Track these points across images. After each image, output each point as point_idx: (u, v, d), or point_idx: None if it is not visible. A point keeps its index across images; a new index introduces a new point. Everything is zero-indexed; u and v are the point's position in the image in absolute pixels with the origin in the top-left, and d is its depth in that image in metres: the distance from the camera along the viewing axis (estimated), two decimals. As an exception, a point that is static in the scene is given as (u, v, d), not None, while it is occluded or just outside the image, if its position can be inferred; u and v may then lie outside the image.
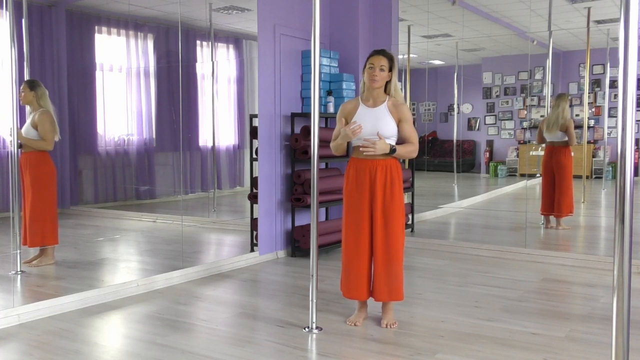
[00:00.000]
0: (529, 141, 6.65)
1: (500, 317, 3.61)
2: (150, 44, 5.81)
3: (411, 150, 3.43)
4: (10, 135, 4.07)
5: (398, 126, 3.41)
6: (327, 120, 5.81)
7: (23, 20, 4.42)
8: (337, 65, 5.81)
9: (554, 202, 6.17)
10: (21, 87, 4.34)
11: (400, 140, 3.45)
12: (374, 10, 6.14)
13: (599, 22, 6.20)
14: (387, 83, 3.43)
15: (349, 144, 3.55)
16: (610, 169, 6.42)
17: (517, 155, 6.82)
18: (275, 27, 5.30)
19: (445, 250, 5.61)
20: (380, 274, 3.42)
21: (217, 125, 6.16)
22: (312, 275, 3.38)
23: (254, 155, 5.30)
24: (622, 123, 1.96)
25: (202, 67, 6.12)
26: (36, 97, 4.46)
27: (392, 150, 3.35)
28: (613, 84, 6.19)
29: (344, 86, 5.65)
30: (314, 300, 3.36)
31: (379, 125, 3.36)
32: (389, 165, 3.41)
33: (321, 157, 5.26)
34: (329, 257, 5.37)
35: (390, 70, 3.40)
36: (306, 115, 5.43)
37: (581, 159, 6.27)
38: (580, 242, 6.19)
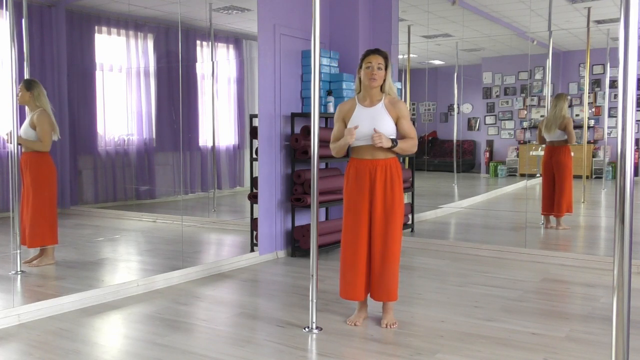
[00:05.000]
0: (529, 141, 6.65)
1: (500, 317, 3.61)
2: (150, 44, 5.81)
3: (412, 144, 3.46)
4: (9, 136, 4.07)
5: (396, 123, 3.43)
6: (327, 120, 5.81)
7: (23, 20, 4.42)
8: (337, 65, 5.81)
9: (554, 201, 6.17)
10: (18, 87, 4.31)
11: (400, 137, 3.47)
12: (374, 11, 6.14)
13: (599, 22, 6.20)
14: (383, 81, 3.45)
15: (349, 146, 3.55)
16: (610, 169, 6.42)
17: (517, 155, 6.82)
18: (275, 27, 5.30)
19: (445, 250, 5.61)
20: (378, 274, 3.43)
21: (217, 125, 6.16)
22: (312, 275, 3.38)
23: (254, 155, 5.30)
24: (622, 123, 1.96)
25: (202, 67, 6.12)
26: (33, 97, 4.44)
27: (394, 144, 3.36)
28: (613, 84, 6.19)
29: (344, 86, 5.65)
30: (314, 300, 3.36)
31: (376, 124, 3.37)
32: (388, 165, 3.42)
33: (321, 157, 5.26)
34: (329, 257, 5.37)
35: (386, 68, 3.42)
36: (306, 115, 5.43)
37: (581, 159, 6.27)
38: (580, 242, 6.19)
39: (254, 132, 5.28)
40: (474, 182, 7.49)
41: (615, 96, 5.89)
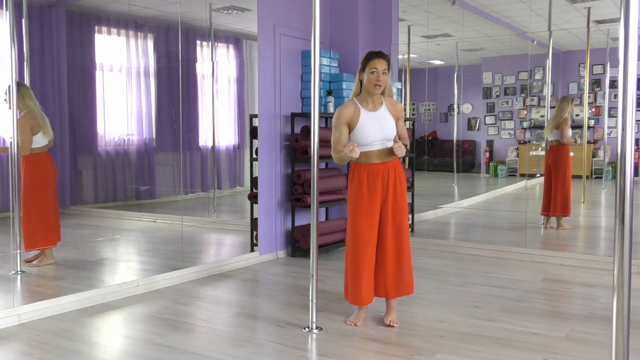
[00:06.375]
0: (529, 141, 6.65)
1: (500, 317, 3.61)
2: (150, 44, 5.81)
3: (409, 145, 3.56)
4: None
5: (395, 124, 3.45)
6: (327, 120, 5.81)
7: (23, 20, 4.42)
8: (337, 65, 5.82)
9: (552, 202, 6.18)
10: (4, 92, 4.16)
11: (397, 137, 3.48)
12: (374, 10, 6.14)
13: (599, 22, 6.20)
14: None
15: None
16: (610, 169, 6.42)
17: (517, 155, 6.82)
18: (275, 27, 5.30)
19: (445, 250, 5.61)
20: (395, 272, 3.44)
21: (217, 125, 6.16)
22: (312, 275, 3.38)
23: (254, 155, 5.30)
24: (622, 123, 1.96)
25: (202, 67, 6.12)
26: (19, 99, 4.36)
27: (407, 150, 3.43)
28: (613, 84, 6.19)
29: (344, 86, 5.65)
30: (314, 300, 3.36)
31: (383, 129, 3.37)
32: (396, 166, 3.45)
33: (321, 157, 5.26)
34: (329, 257, 5.37)
35: (388, 71, 3.42)
36: (306, 115, 5.43)
37: (581, 159, 6.27)
38: (580, 242, 6.19)
39: (254, 132, 5.28)
40: (474, 182, 7.49)
41: (615, 96, 5.89)
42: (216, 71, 6.16)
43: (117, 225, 5.73)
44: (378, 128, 3.36)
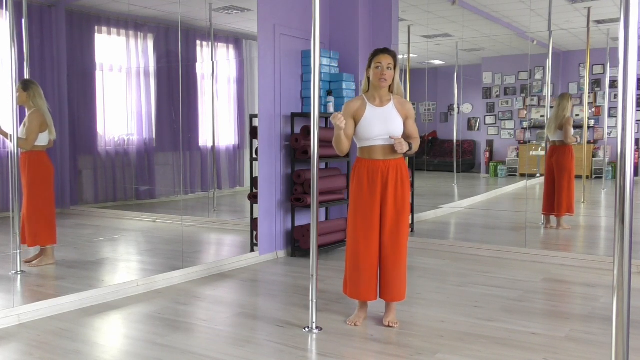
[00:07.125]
0: (529, 141, 6.65)
1: (500, 317, 3.61)
2: (150, 44, 5.81)
3: (418, 145, 3.53)
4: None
5: (404, 123, 3.44)
6: (327, 120, 5.81)
7: (23, 20, 4.42)
8: (337, 65, 5.81)
9: (555, 201, 6.18)
10: (16, 88, 4.25)
11: (405, 136, 3.47)
12: (374, 11, 6.14)
13: (599, 22, 6.20)
14: (392, 81, 3.46)
15: (353, 144, 3.55)
16: (610, 169, 6.42)
17: (517, 155, 6.82)
18: (275, 27, 5.30)
19: (445, 250, 5.61)
20: (390, 274, 3.43)
21: (217, 125, 6.16)
22: (312, 275, 3.38)
23: (254, 155, 5.30)
24: (622, 123, 1.96)
25: (202, 67, 6.12)
26: (29, 97, 4.43)
27: (410, 148, 3.39)
28: (613, 84, 6.19)
29: (344, 86, 5.65)
30: (314, 300, 3.36)
31: (388, 125, 3.37)
32: (399, 165, 3.44)
33: (321, 157, 5.26)
34: (329, 257, 5.37)
35: (394, 67, 3.42)
36: (306, 115, 5.43)
37: (581, 159, 6.27)
38: (580, 242, 6.19)
39: (254, 132, 5.28)
40: (474, 182, 7.49)
41: (615, 96, 5.89)
42: (216, 71, 6.16)
43: (117, 225, 5.73)
44: (382, 123, 3.37)
